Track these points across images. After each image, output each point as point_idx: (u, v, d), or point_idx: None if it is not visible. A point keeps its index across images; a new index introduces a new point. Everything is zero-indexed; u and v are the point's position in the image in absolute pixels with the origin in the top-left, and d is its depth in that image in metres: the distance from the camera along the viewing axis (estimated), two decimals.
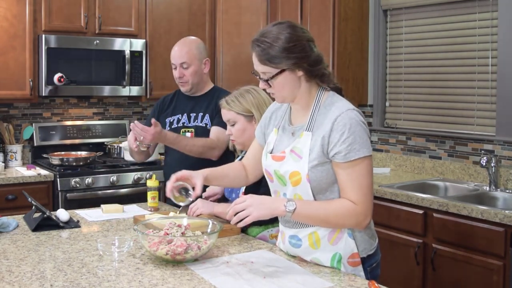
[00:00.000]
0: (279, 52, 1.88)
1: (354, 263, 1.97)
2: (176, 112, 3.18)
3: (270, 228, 2.42)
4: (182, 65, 3.08)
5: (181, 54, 3.08)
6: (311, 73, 1.93)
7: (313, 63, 1.93)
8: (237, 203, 1.91)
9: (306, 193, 1.93)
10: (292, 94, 1.97)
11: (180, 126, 3.12)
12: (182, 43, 3.15)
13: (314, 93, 1.98)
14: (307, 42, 1.92)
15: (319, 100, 1.97)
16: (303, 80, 1.95)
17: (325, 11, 4.32)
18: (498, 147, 3.64)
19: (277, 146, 2.05)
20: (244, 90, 2.53)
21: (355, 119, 1.89)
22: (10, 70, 4.13)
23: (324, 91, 1.99)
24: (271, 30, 1.92)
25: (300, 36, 1.91)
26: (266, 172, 2.07)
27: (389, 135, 4.38)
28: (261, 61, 1.91)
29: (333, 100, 1.96)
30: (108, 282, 1.82)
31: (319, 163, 1.90)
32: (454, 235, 3.11)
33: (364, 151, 1.87)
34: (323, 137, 1.90)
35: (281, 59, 1.88)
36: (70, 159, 4.24)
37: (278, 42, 1.88)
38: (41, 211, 2.53)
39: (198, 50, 3.11)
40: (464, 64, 3.86)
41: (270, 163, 2.03)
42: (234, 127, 2.51)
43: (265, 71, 1.92)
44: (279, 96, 1.98)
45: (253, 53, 1.94)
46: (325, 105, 1.95)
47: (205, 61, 3.13)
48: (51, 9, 4.26)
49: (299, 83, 1.95)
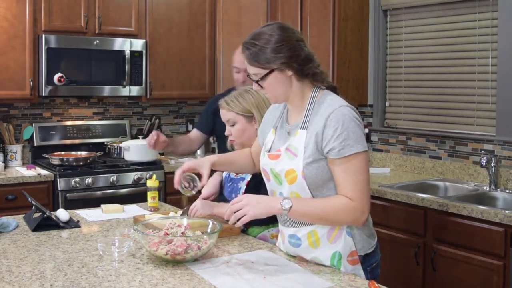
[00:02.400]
0: (267, 53, 1.91)
1: (353, 261, 1.97)
2: None
3: (270, 228, 2.42)
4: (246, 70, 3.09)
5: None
6: (301, 72, 1.96)
7: (302, 62, 1.94)
8: (234, 202, 1.92)
9: (303, 191, 1.94)
10: (284, 93, 1.99)
11: None
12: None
13: (308, 92, 2.00)
14: (296, 42, 1.94)
15: (313, 99, 1.99)
16: (294, 79, 1.96)
17: (325, 11, 4.32)
18: (498, 147, 3.64)
19: (274, 145, 2.07)
20: (243, 90, 2.54)
21: (348, 115, 1.90)
22: (10, 70, 4.13)
23: (319, 90, 2.01)
24: (261, 31, 1.95)
25: (289, 36, 1.94)
26: (264, 171, 2.08)
27: (389, 135, 4.38)
28: (250, 62, 1.95)
29: (327, 97, 1.98)
30: (108, 282, 1.82)
31: (314, 160, 1.91)
32: (454, 235, 3.11)
33: (358, 146, 1.88)
34: (316, 134, 1.91)
35: (269, 59, 1.91)
36: (70, 159, 4.24)
37: (267, 43, 1.91)
38: (41, 211, 2.53)
39: None
40: (464, 64, 3.86)
41: (266, 162, 2.05)
42: (234, 127, 2.51)
43: (255, 72, 1.96)
44: (271, 96, 2.01)
45: (243, 55, 1.97)
46: (319, 103, 1.97)
47: None
48: (51, 9, 4.26)
49: (290, 82, 1.96)
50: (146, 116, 5.07)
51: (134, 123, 5.04)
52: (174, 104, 5.21)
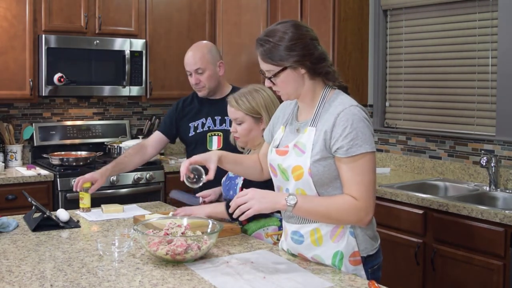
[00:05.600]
0: (280, 50, 1.91)
1: (355, 261, 1.97)
2: (199, 116, 3.12)
3: (266, 227, 2.42)
4: (197, 71, 3.04)
5: (195, 61, 3.05)
6: (314, 71, 1.96)
7: (316, 61, 1.95)
8: (239, 196, 1.92)
9: (308, 188, 1.94)
10: (296, 91, 1.99)
11: (205, 130, 3.08)
12: (194, 49, 3.11)
13: (320, 91, 2.01)
14: (310, 41, 1.95)
15: (324, 97, 1.99)
16: (306, 77, 1.97)
17: (325, 11, 4.32)
18: (498, 147, 3.64)
19: (283, 141, 2.07)
20: (253, 89, 2.51)
21: (358, 115, 1.90)
22: (10, 70, 4.13)
23: (330, 89, 2.02)
24: (275, 29, 1.95)
25: (303, 34, 1.94)
26: (271, 167, 2.08)
27: (389, 135, 4.38)
28: (264, 59, 1.95)
29: (338, 97, 1.99)
30: (108, 282, 1.82)
31: (322, 157, 1.92)
32: (454, 235, 3.11)
33: (366, 147, 1.88)
34: (325, 132, 1.92)
35: (282, 56, 1.92)
36: (70, 159, 4.23)
37: (281, 41, 1.91)
38: (41, 211, 2.53)
39: (211, 54, 3.08)
40: (464, 64, 3.86)
41: (274, 157, 2.05)
42: (241, 126, 2.49)
43: (268, 69, 1.96)
44: (283, 93, 2.02)
45: (257, 52, 1.97)
46: (330, 102, 1.98)
47: (219, 63, 3.08)
48: (51, 9, 4.26)
49: (302, 80, 1.97)
50: (146, 116, 5.07)
51: (134, 123, 5.04)
52: None
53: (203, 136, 3.07)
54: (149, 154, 3.16)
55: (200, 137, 3.08)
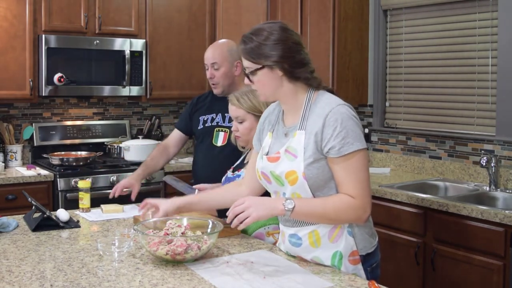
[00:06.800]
0: (261, 49, 1.93)
1: (354, 261, 1.97)
2: (210, 111, 3.18)
3: (267, 226, 2.41)
4: (213, 66, 3.10)
5: (213, 55, 3.11)
6: (291, 74, 1.96)
7: (295, 65, 1.95)
8: (236, 205, 1.92)
9: (304, 191, 1.94)
10: (274, 93, 2.00)
11: (214, 125, 3.13)
12: (214, 45, 3.21)
13: (303, 94, 2.01)
14: (293, 44, 1.96)
15: (309, 100, 1.99)
16: (285, 80, 1.97)
17: (325, 11, 4.32)
18: (498, 147, 3.64)
19: (272, 148, 2.07)
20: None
21: (346, 114, 1.91)
22: (10, 70, 4.13)
23: (314, 91, 2.01)
24: (262, 28, 1.97)
25: (287, 37, 1.95)
26: (263, 174, 2.07)
27: (389, 135, 4.38)
28: (244, 55, 1.98)
29: (323, 97, 1.99)
30: (108, 282, 1.82)
31: (314, 160, 1.92)
32: (454, 235, 3.11)
33: (358, 144, 1.88)
34: (316, 134, 1.92)
35: (262, 55, 1.93)
36: (70, 159, 4.24)
37: (265, 40, 1.93)
38: (41, 211, 2.53)
39: (230, 52, 3.12)
40: (464, 64, 3.86)
41: (265, 165, 2.04)
42: (242, 124, 2.49)
43: (247, 66, 1.98)
44: (261, 93, 2.03)
45: (239, 48, 2.00)
46: (316, 103, 1.97)
47: (236, 63, 3.11)
48: (51, 9, 4.26)
49: (280, 82, 1.97)
50: (146, 116, 5.07)
51: (134, 123, 5.04)
52: (174, 104, 5.21)
53: (210, 130, 3.11)
54: (172, 153, 3.30)
55: (207, 131, 3.13)
